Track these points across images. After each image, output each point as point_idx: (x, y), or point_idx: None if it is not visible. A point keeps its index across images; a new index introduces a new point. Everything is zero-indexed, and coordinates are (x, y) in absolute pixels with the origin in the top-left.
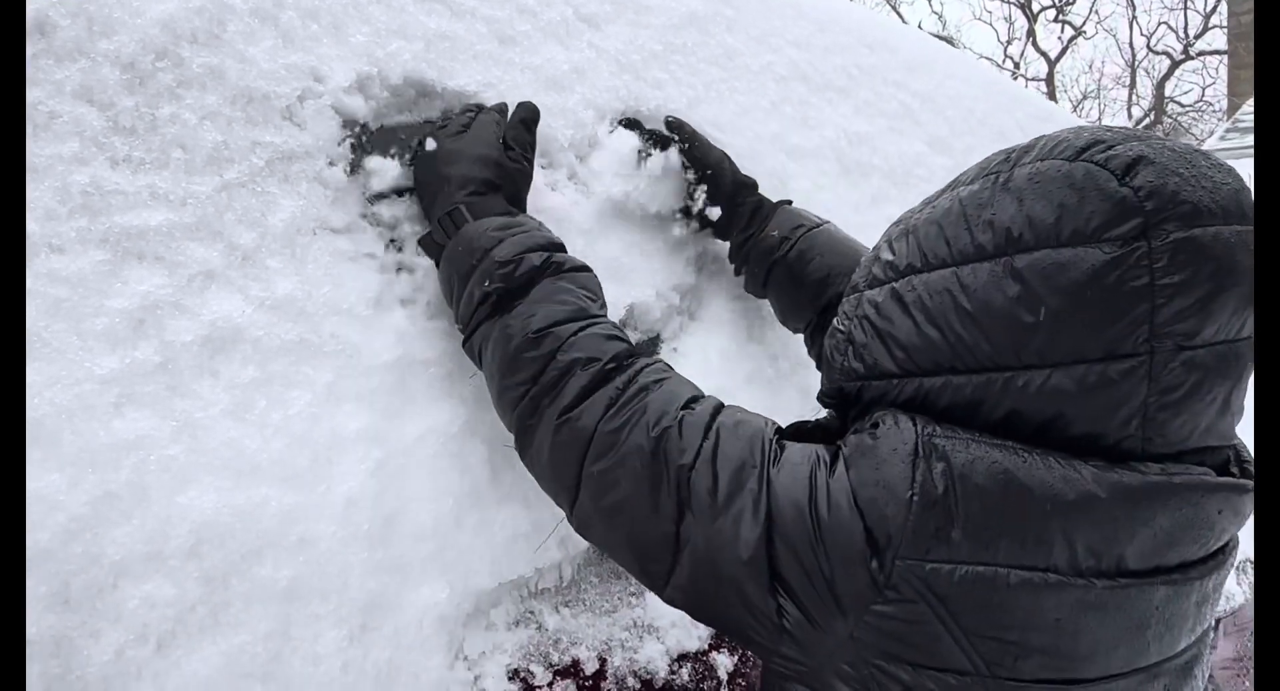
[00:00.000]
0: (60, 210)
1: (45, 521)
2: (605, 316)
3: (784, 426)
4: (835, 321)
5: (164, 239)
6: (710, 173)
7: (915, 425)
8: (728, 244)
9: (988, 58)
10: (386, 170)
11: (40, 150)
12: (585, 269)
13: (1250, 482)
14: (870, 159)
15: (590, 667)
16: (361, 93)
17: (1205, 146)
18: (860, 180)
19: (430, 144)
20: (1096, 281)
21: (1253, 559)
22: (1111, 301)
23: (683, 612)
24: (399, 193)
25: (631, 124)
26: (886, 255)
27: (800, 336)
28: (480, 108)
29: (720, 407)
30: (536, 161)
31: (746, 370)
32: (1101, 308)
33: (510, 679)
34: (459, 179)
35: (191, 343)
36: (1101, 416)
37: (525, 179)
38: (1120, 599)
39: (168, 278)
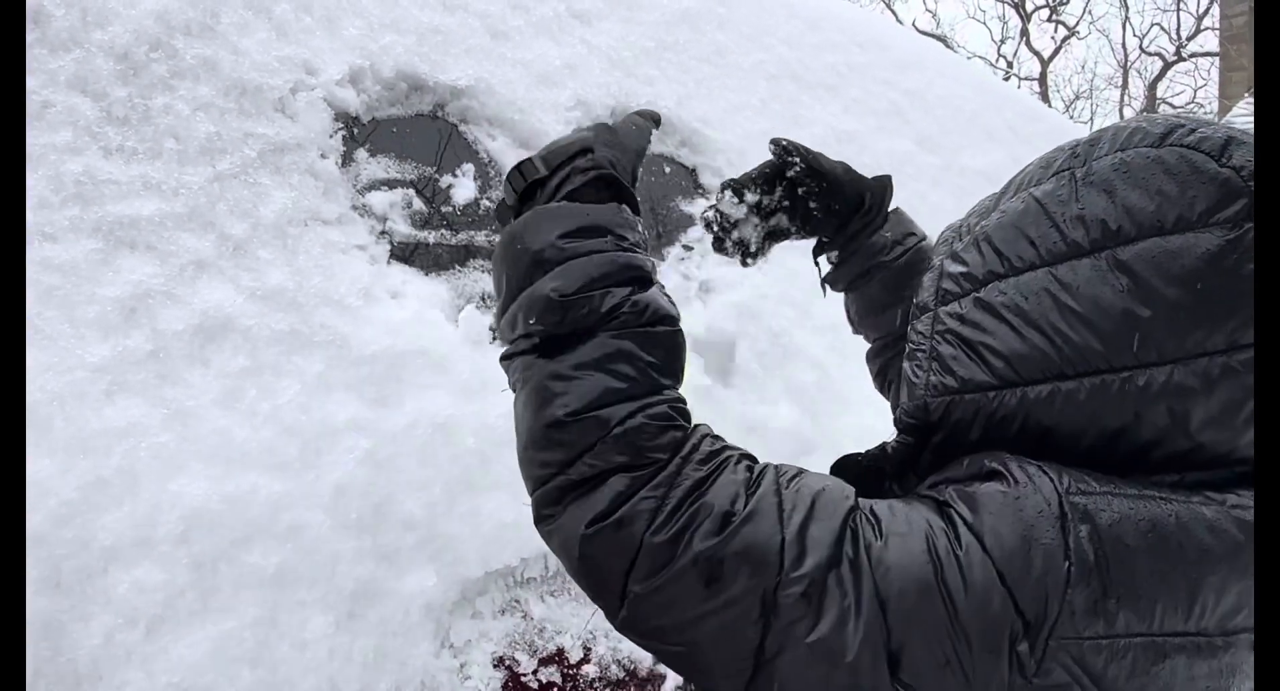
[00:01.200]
0: (53, 199)
1: (37, 506)
2: (672, 389)
3: (832, 463)
4: (910, 345)
5: (156, 229)
6: (829, 180)
7: (1051, 480)
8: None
9: (981, 57)
10: (378, 163)
11: (34, 139)
12: (666, 321)
13: None
14: (859, 157)
15: (575, 656)
16: (354, 86)
17: None
18: None
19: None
20: (1213, 267)
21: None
22: (1230, 287)
23: None
24: (389, 185)
25: (739, 191)
26: (955, 268)
27: (787, 333)
28: None
29: (778, 478)
30: (526, 152)
31: (734, 364)
32: (1221, 294)
33: (496, 666)
34: (555, 152)
35: (183, 331)
36: (1226, 415)
37: (639, 150)
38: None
39: (160, 267)
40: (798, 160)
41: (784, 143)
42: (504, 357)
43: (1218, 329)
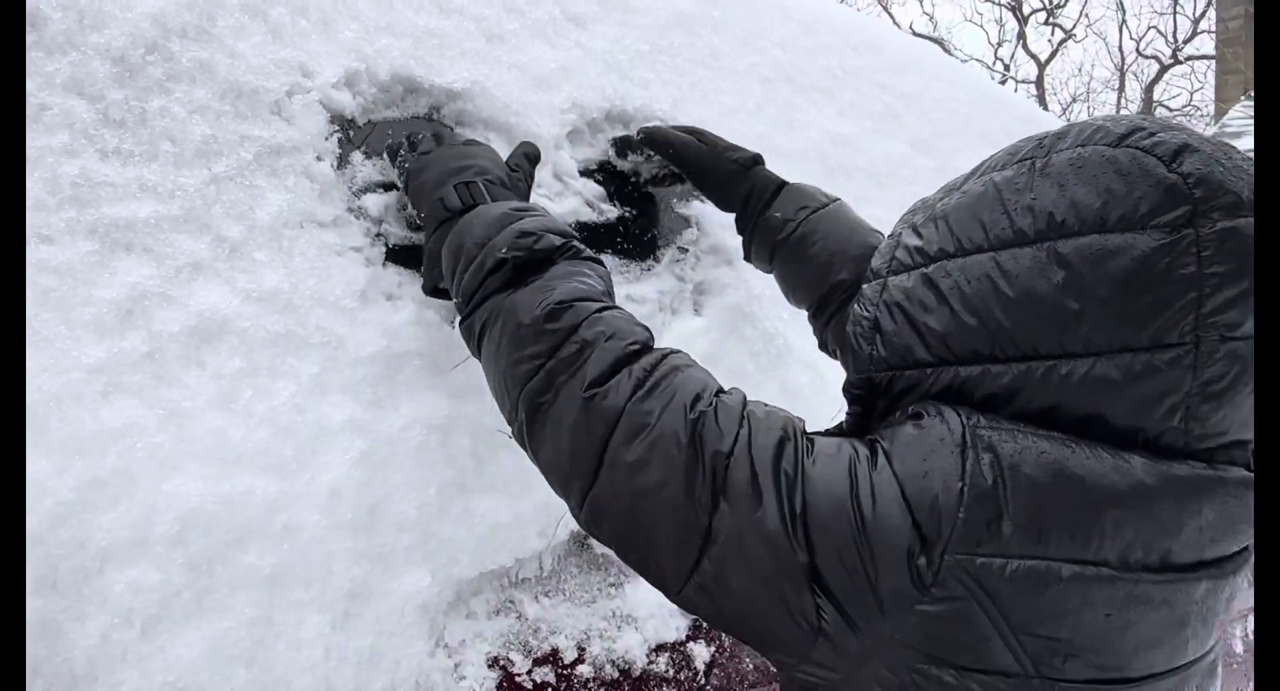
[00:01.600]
0: (50, 201)
1: (33, 507)
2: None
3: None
4: (857, 307)
5: (152, 230)
6: (692, 175)
7: (960, 415)
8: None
9: (978, 60)
10: (373, 166)
11: (31, 142)
12: (601, 263)
13: None
14: (854, 160)
15: (569, 656)
16: (349, 88)
17: None
18: (843, 181)
19: (426, 144)
20: (1145, 268)
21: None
22: (1159, 289)
23: (675, 607)
24: (385, 187)
25: (622, 150)
26: (912, 240)
27: (782, 335)
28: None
29: (746, 398)
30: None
31: (728, 366)
32: (1150, 295)
33: (490, 666)
34: (476, 168)
35: (179, 333)
36: (1145, 407)
37: (526, 199)
38: (1166, 593)
39: (156, 269)
40: (651, 153)
41: (641, 136)
42: (466, 315)
43: (1144, 327)
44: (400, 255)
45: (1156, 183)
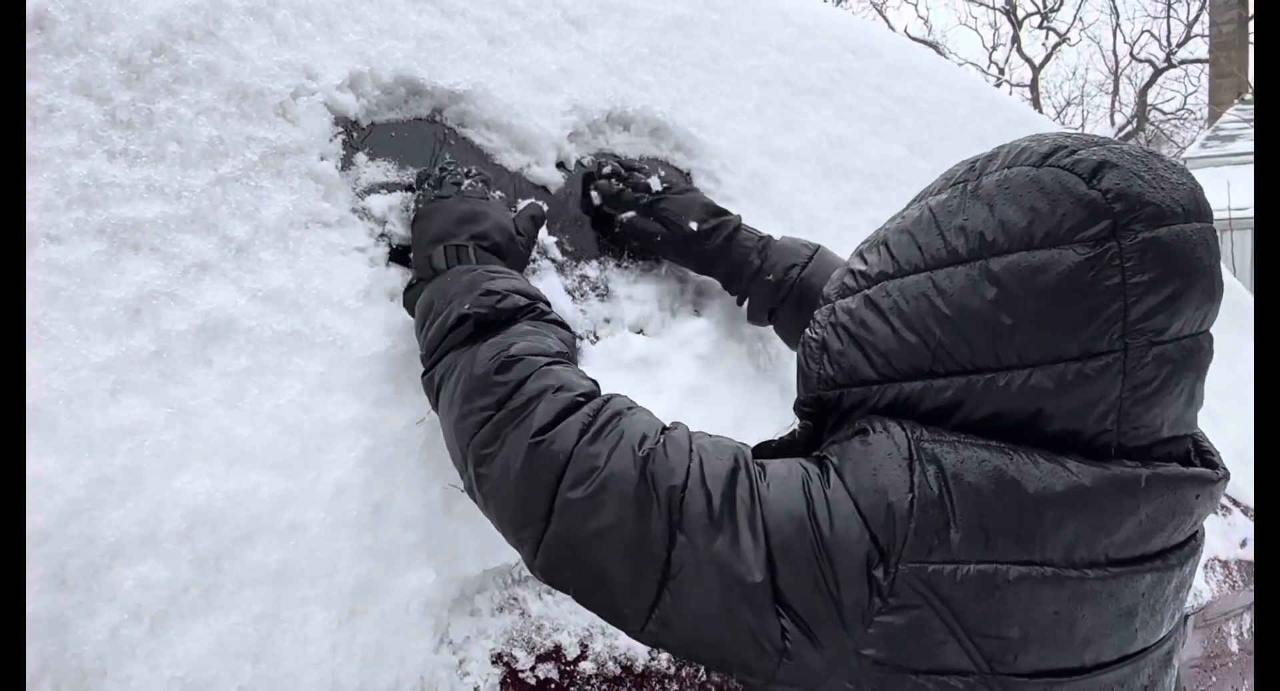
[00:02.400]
0: (58, 201)
1: (43, 504)
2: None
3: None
4: (807, 331)
5: (160, 231)
6: (676, 260)
7: (905, 430)
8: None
9: (973, 63)
10: (377, 167)
11: (39, 143)
12: (566, 326)
13: (1216, 473)
14: (852, 162)
15: (572, 652)
16: (353, 90)
17: (1186, 154)
18: (841, 182)
19: (445, 190)
20: (1072, 282)
21: (1252, 560)
22: (1087, 301)
23: None
24: (388, 188)
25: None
26: (858, 265)
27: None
28: (488, 182)
29: (690, 431)
30: (523, 155)
31: (727, 367)
32: (1077, 307)
33: (494, 663)
34: (474, 230)
35: (186, 332)
36: (1079, 412)
37: (523, 266)
38: (1112, 587)
39: (163, 268)
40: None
41: (618, 229)
42: (428, 369)
43: (1072, 338)
44: (404, 255)
45: (1078, 199)
